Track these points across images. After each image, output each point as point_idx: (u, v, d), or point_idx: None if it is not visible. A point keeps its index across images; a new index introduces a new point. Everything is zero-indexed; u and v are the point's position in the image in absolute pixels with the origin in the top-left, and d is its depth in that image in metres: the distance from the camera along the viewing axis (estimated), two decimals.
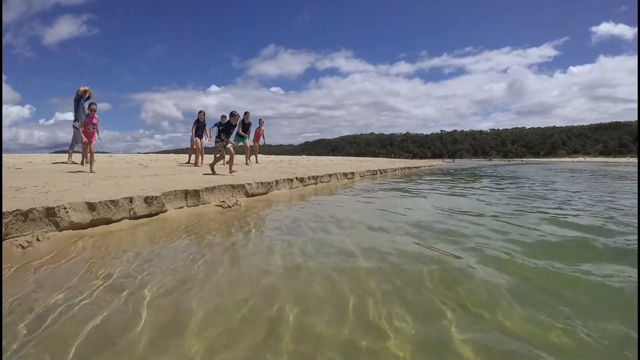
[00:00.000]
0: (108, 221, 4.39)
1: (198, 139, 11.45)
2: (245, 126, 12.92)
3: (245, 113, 12.94)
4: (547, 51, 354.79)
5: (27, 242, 3.71)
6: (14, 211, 3.75)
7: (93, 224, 4.27)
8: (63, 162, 10.20)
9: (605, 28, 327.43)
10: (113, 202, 4.42)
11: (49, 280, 2.74)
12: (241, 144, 12.99)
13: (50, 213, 3.98)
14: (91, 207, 4.24)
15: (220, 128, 9.95)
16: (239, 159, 13.69)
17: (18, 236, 3.76)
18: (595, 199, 7.52)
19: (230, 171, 9.03)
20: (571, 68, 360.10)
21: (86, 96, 9.64)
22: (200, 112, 11.56)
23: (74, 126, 9.52)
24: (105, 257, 3.30)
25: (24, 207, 3.86)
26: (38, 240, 3.82)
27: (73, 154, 10.48)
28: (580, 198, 7.63)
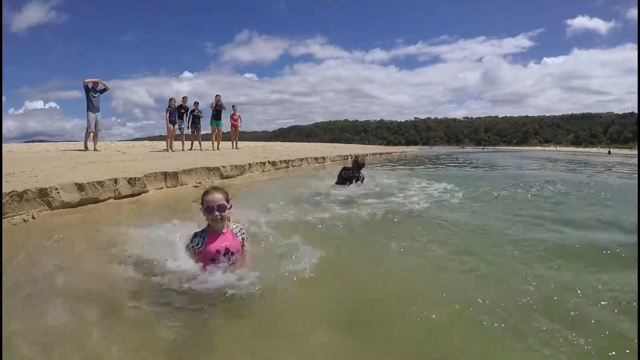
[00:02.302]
0: (95, 200, 4.85)
1: (171, 125, 11.86)
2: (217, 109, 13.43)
3: (216, 96, 13.46)
4: (522, 42, 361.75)
5: (24, 220, 4.16)
6: (9, 192, 4.15)
7: (82, 203, 4.71)
8: (80, 150, 10.70)
9: (580, 21, 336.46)
10: (99, 183, 4.88)
11: None
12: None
13: (43, 193, 4.40)
14: (80, 187, 4.68)
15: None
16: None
17: (14, 215, 4.18)
18: None
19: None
20: (545, 59, 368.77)
21: (99, 88, 10.25)
22: (171, 99, 12.04)
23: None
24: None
25: (19, 188, 4.27)
26: (33, 218, 4.26)
27: (93, 142, 10.85)
28: None
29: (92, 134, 10.42)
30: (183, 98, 12.48)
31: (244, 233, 2.85)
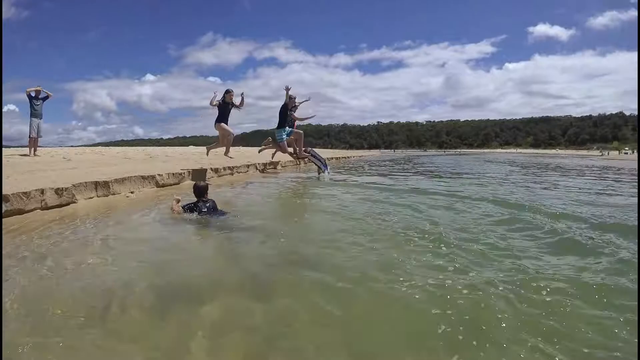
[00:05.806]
0: (21, 212, 4.99)
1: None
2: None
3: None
4: (484, 48, 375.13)
5: None
6: None
7: (7, 214, 4.85)
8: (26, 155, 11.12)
9: (542, 29, 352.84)
10: (25, 193, 5.03)
11: None
12: None
13: None
14: (5, 199, 4.83)
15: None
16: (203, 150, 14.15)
17: None
18: None
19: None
20: (507, 64, 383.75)
21: (41, 96, 10.89)
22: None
23: None
24: None
25: None
26: None
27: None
28: None
29: (33, 140, 10.93)
30: None
31: None
